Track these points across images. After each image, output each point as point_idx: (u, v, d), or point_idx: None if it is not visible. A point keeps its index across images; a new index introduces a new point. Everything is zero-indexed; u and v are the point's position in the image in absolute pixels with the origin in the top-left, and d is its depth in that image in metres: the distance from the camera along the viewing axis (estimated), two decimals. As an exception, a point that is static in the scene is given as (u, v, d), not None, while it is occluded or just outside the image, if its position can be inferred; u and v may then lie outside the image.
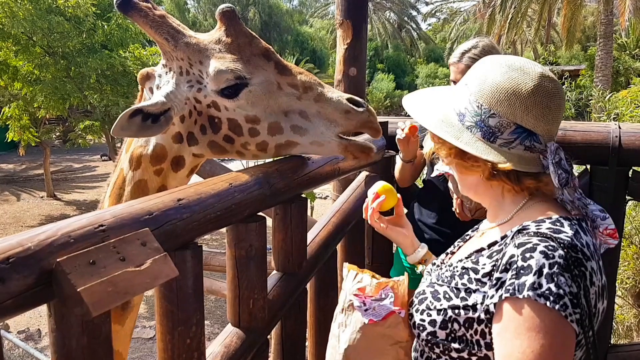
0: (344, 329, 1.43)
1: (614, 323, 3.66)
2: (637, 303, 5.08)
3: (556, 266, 1.08)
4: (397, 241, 1.76)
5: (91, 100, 12.83)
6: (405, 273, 1.53)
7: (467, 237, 1.55)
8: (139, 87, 1.90)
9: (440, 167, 2.33)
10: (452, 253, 1.53)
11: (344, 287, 1.48)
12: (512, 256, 1.14)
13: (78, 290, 0.97)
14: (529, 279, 1.08)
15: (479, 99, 1.25)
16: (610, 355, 2.92)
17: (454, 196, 2.50)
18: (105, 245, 1.11)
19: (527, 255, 1.11)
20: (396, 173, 2.87)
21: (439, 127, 1.30)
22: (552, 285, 1.07)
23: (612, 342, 3.10)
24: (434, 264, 1.53)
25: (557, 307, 1.06)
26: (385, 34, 47.60)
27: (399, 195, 1.74)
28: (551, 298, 1.06)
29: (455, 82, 2.54)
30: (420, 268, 1.71)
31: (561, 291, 1.06)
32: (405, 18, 50.36)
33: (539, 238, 1.14)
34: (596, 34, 22.76)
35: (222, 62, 1.69)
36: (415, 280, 1.57)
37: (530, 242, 1.13)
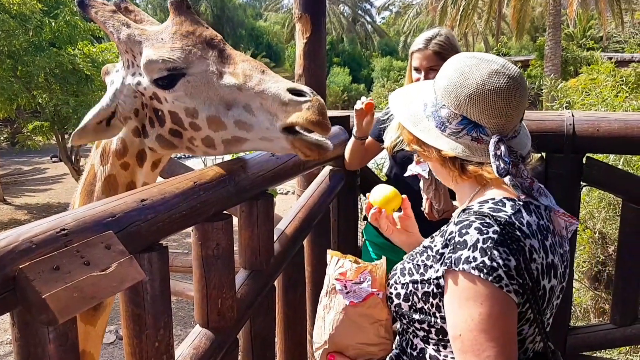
0: (329, 310, 1.52)
1: (572, 306, 3.78)
2: (593, 286, 5.26)
3: (489, 241, 1.18)
4: (399, 244, 1.73)
5: (40, 100, 12.46)
6: (383, 257, 1.61)
7: None
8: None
9: (413, 168, 2.37)
10: None
11: (328, 272, 1.57)
12: (452, 233, 1.25)
13: (43, 297, 0.94)
14: (464, 253, 1.19)
15: (437, 91, 1.36)
16: (570, 337, 3.01)
17: (424, 197, 2.53)
18: (69, 250, 1.07)
19: (463, 231, 1.22)
20: (346, 153, 2.86)
21: (404, 114, 1.42)
22: (485, 259, 1.16)
23: (571, 324, 3.19)
24: None
25: (490, 278, 1.15)
26: (340, 27, 47.82)
27: (404, 195, 1.69)
28: (484, 270, 1.15)
29: (419, 69, 2.56)
30: None
31: (494, 264, 1.15)
32: (359, 12, 50.72)
33: (476, 216, 1.24)
34: (544, 25, 23.41)
35: (157, 51, 1.60)
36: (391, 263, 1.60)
37: (467, 220, 1.24)
